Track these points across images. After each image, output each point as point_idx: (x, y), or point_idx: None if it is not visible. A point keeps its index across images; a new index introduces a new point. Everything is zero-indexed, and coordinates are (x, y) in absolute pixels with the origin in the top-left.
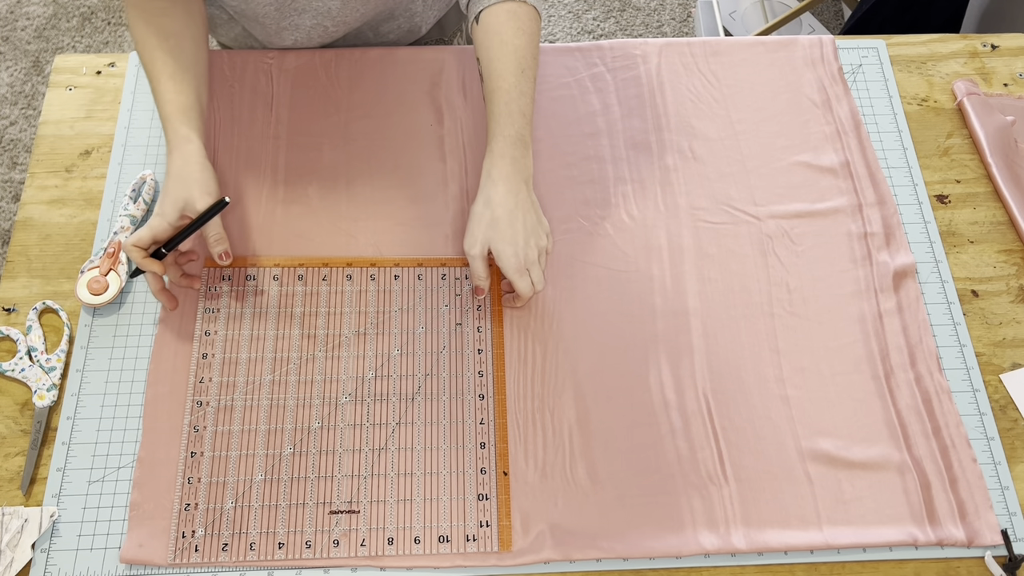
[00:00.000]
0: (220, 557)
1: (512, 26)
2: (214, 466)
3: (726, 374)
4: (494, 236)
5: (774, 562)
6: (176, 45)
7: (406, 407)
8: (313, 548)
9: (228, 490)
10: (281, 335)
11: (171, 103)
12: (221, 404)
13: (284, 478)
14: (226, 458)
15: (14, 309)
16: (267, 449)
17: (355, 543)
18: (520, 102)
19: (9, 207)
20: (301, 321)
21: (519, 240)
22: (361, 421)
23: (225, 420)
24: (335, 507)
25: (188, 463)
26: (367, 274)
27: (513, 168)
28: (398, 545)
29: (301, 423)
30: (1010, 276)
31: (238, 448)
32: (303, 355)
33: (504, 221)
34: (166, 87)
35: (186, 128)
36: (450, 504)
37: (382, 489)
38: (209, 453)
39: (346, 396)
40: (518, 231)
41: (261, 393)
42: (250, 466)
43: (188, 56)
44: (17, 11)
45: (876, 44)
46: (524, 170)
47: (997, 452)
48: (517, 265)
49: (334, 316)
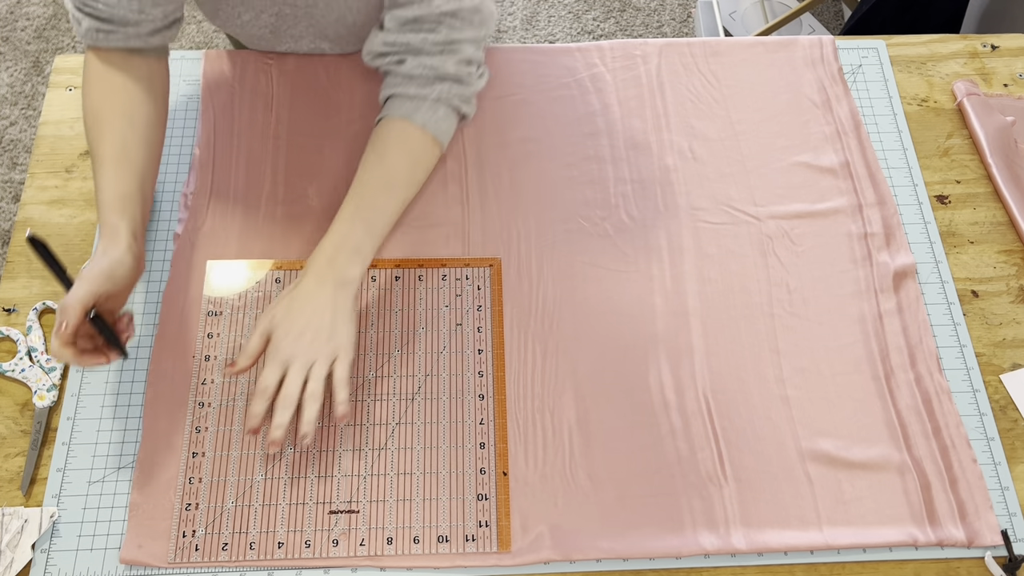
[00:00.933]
0: (220, 556)
1: (395, 146)
2: (215, 466)
3: (726, 374)
4: (277, 318)
5: (774, 562)
6: (128, 124)
7: (406, 407)
8: (312, 547)
9: (229, 490)
10: None
11: (107, 190)
12: (222, 404)
13: (284, 477)
14: (227, 458)
15: (14, 309)
16: (268, 449)
17: (354, 543)
18: (370, 214)
19: (9, 207)
20: None
21: (294, 335)
22: (361, 421)
23: (226, 420)
24: (335, 507)
25: (189, 463)
26: (367, 275)
27: (328, 267)
28: (397, 545)
29: None
30: (1010, 276)
31: (239, 448)
32: None
33: (294, 312)
34: (106, 174)
35: (116, 216)
36: (449, 504)
37: (381, 489)
38: (210, 453)
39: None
40: (298, 324)
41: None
42: (250, 466)
43: (139, 138)
44: (17, 11)
45: (876, 44)
46: (340, 274)
47: (997, 452)
48: (277, 356)
49: None
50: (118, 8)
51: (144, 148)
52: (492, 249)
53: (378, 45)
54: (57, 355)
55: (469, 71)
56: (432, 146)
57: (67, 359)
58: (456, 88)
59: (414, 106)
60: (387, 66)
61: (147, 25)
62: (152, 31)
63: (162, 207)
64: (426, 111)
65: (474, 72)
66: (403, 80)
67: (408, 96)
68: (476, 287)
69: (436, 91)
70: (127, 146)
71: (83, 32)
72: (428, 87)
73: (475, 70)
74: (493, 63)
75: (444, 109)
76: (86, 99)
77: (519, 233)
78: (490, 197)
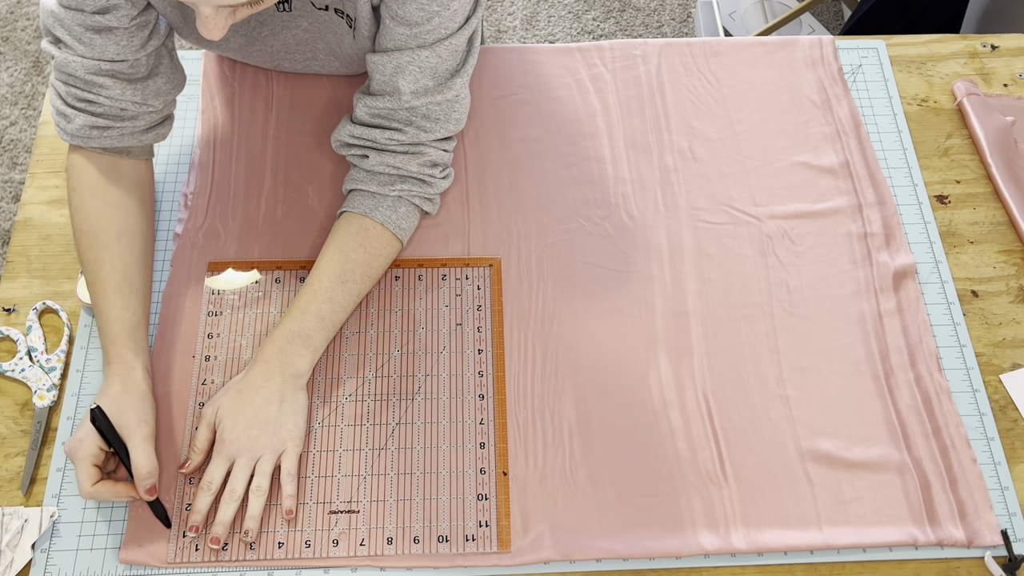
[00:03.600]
0: (220, 556)
1: (355, 241)
2: None
3: (726, 374)
4: (224, 408)
5: (774, 562)
6: (127, 246)
7: (406, 407)
8: (313, 547)
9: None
10: None
11: (117, 321)
12: None
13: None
14: None
15: (14, 309)
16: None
17: (354, 542)
18: (322, 306)
19: (9, 207)
20: None
21: (240, 429)
22: (361, 421)
23: None
24: (335, 507)
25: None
26: None
27: (278, 358)
28: (397, 545)
29: None
30: (1010, 276)
31: None
32: None
33: (240, 404)
34: (112, 302)
35: (131, 353)
36: (449, 504)
37: (381, 489)
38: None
39: (346, 396)
40: (244, 418)
41: None
42: None
43: (137, 260)
44: (17, 11)
45: (876, 44)
46: (289, 365)
47: (997, 452)
48: (219, 446)
49: None
50: (120, 100)
51: (144, 272)
52: (492, 249)
53: (345, 136)
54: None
55: (432, 172)
56: (392, 241)
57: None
58: (418, 188)
59: (375, 203)
60: (352, 158)
61: (144, 119)
62: (148, 126)
63: (162, 207)
64: (386, 209)
65: (437, 173)
66: (366, 176)
67: (370, 192)
68: (476, 287)
69: (397, 190)
70: (128, 272)
71: (74, 130)
72: (389, 186)
73: (439, 172)
74: (493, 63)
75: (405, 207)
76: (77, 214)
77: (519, 233)
78: (490, 197)
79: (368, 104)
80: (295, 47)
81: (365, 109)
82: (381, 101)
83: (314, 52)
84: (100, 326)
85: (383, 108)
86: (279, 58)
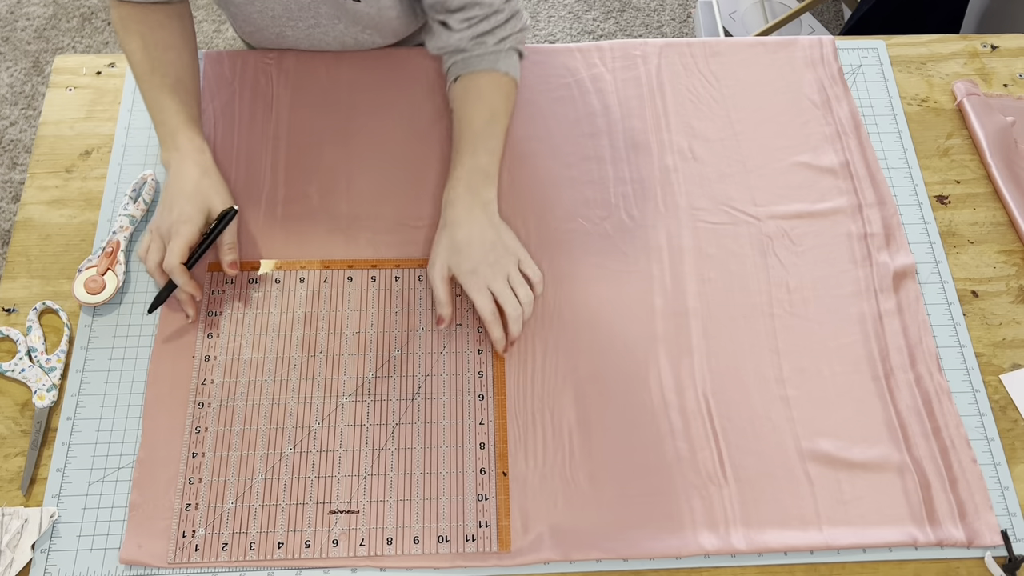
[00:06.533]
0: (220, 556)
1: (491, 86)
2: (215, 466)
3: (726, 374)
4: (453, 258)
5: (774, 563)
6: (176, 58)
7: (406, 407)
8: (312, 547)
9: (229, 490)
10: (283, 336)
11: (178, 114)
12: (222, 404)
13: (284, 478)
14: (227, 458)
15: (14, 309)
16: (267, 449)
17: (354, 543)
18: (487, 142)
19: (9, 207)
20: (303, 322)
21: (477, 258)
22: (361, 421)
23: (226, 421)
24: (335, 507)
25: (189, 464)
26: (368, 275)
27: (469, 194)
28: (397, 545)
29: (301, 423)
30: (1010, 276)
31: (239, 448)
32: (304, 356)
33: (462, 242)
34: (169, 101)
35: (199, 139)
36: (449, 504)
37: (381, 489)
38: (211, 453)
39: (346, 396)
40: (475, 249)
41: (262, 394)
42: (250, 466)
43: (187, 70)
44: (17, 11)
45: (876, 44)
46: (480, 195)
47: (997, 453)
48: (477, 284)
49: (335, 317)
50: None
51: (195, 80)
52: None
53: (453, 43)
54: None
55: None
56: (514, 85)
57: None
58: (518, 36)
59: (494, 59)
60: (448, 55)
61: None
62: None
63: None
64: (504, 60)
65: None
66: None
67: (487, 53)
68: None
69: (507, 44)
70: (181, 77)
71: None
72: (501, 44)
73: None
74: None
75: (514, 55)
76: (128, 41)
77: (519, 233)
78: None
79: (459, 16)
80: (297, 12)
81: (457, 20)
82: (469, 11)
83: (317, 18)
84: (161, 123)
85: (475, 13)
86: (281, 23)
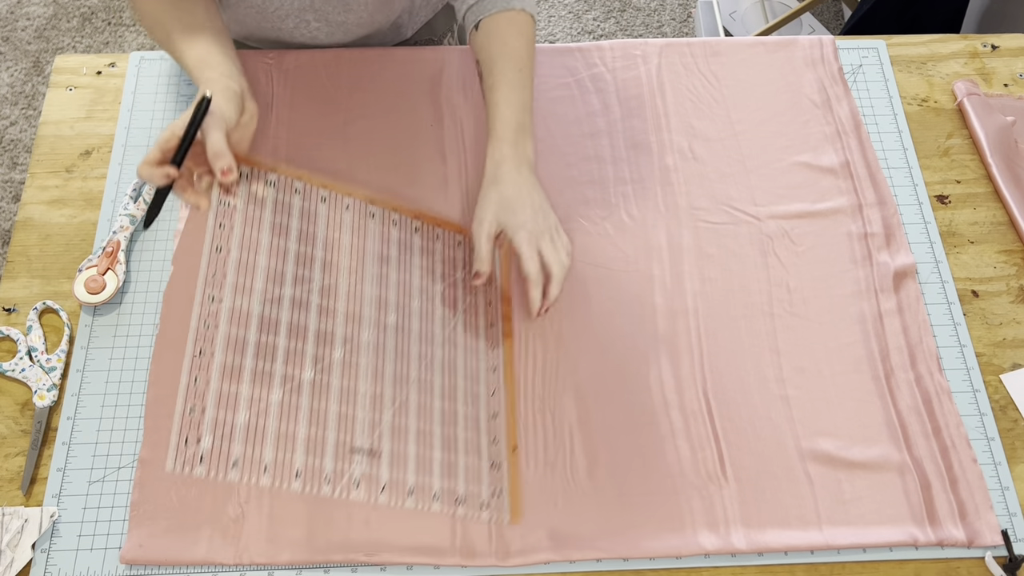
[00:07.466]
0: (230, 474)
1: (512, 31)
2: (224, 373)
3: (726, 374)
4: (503, 215)
5: (774, 562)
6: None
7: (425, 367)
8: (332, 484)
9: (242, 403)
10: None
11: (217, 54)
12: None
13: (303, 407)
14: (241, 367)
15: (14, 309)
16: (286, 368)
17: (375, 490)
18: (521, 94)
19: (9, 207)
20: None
21: (528, 215)
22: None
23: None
24: (357, 446)
25: (195, 362)
26: (389, 216)
27: (513, 151)
28: (418, 497)
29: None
30: (1010, 276)
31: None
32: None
33: (513, 199)
34: (200, 43)
35: (238, 73)
36: (465, 470)
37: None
38: (220, 357)
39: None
40: (526, 207)
41: (281, 311)
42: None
43: (214, 13)
44: (17, 11)
45: (876, 44)
46: (523, 154)
47: (997, 452)
48: (529, 240)
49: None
50: None
51: (220, 21)
52: None
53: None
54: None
55: None
56: (532, 23)
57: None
58: None
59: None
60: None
61: None
62: None
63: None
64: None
65: None
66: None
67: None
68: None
69: None
70: (211, 18)
71: None
72: None
73: None
74: None
75: None
76: (152, 20)
77: None
78: None
79: None
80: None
81: None
82: None
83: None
84: (196, 64)
85: None
86: (272, 18)
